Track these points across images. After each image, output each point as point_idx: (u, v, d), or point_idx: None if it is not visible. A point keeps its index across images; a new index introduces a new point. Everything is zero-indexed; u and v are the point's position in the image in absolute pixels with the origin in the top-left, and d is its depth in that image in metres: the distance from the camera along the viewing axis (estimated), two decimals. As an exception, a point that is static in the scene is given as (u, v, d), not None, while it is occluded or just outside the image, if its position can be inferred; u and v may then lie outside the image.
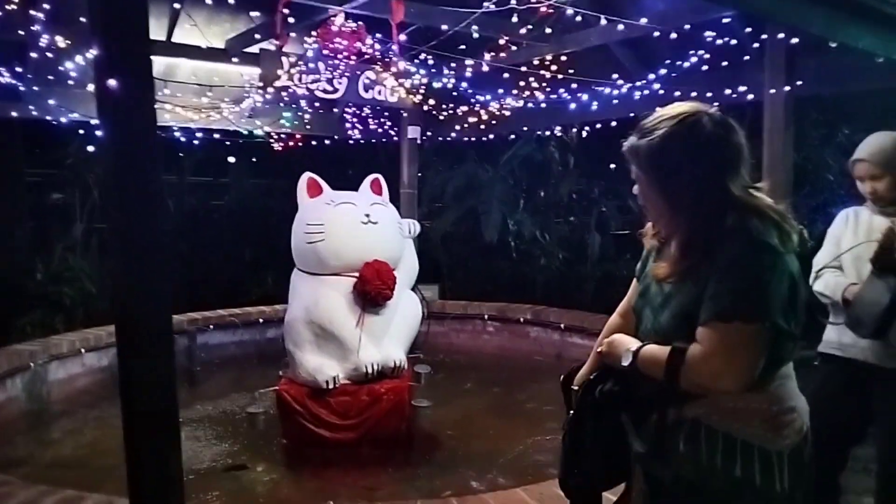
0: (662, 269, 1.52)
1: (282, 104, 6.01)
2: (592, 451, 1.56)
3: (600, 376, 1.57)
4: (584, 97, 5.21)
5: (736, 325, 1.32)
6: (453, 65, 5.16)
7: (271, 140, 6.63)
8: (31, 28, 4.28)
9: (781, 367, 1.45)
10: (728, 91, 4.62)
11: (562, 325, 6.17)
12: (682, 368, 1.37)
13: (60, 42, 4.31)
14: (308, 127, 6.50)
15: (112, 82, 1.49)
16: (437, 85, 5.35)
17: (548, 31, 4.42)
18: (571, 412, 1.59)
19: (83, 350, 5.31)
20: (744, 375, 1.35)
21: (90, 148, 6.74)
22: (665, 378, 1.39)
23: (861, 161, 2.49)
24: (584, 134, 7.36)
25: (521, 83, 5.38)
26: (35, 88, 4.95)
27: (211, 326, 6.29)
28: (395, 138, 7.13)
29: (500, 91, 5.55)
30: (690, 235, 1.46)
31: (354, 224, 4.04)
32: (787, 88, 3.94)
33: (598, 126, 6.74)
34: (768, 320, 1.33)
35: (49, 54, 4.58)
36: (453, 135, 6.83)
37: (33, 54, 4.64)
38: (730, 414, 1.41)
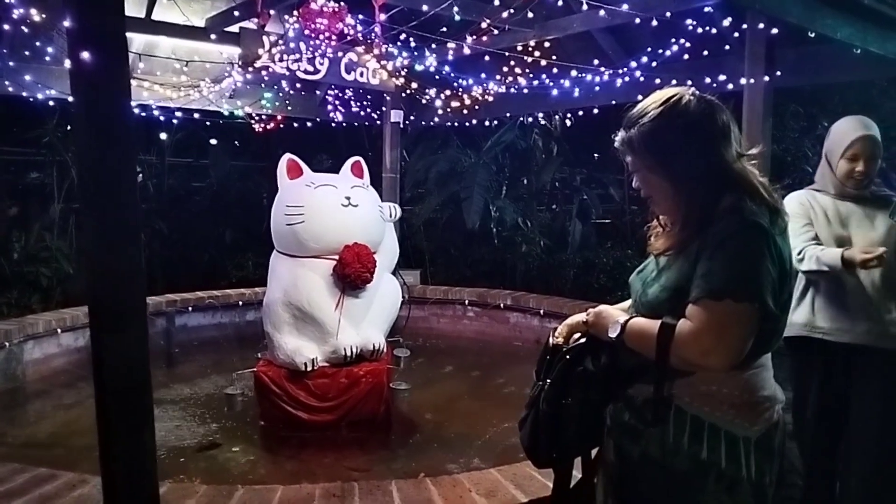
0: (661, 242, 1.55)
1: (263, 85, 5.95)
2: (576, 422, 1.57)
3: (586, 347, 1.58)
4: (567, 83, 5.22)
5: (727, 303, 1.34)
6: (434, 46, 5.14)
7: (252, 121, 6.58)
8: (5, 1, 4.19)
9: (760, 356, 1.46)
10: (708, 80, 4.65)
11: (541, 311, 6.21)
12: (672, 344, 1.38)
13: (36, 16, 4.22)
14: (289, 108, 6.46)
15: (85, 55, 1.48)
16: (419, 68, 5.33)
17: (529, 15, 4.41)
18: (549, 381, 1.59)
19: (59, 330, 5.27)
20: (733, 353, 1.36)
21: (68, 127, 6.65)
22: (655, 353, 1.40)
23: (867, 137, 2.38)
24: (568, 122, 7.38)
25: (504, 68, 5.38)
26: (11, 64, 4.86)
27: (190, 308, 6.27)
28: (378, 122, 7.10)
29: (483, 76, 5.54)
30: (690, 209, 1.47)
31: (334, 207, 4.04)
32: (767, 79, 3.97)
33: (581, 113, 6.77)
34: (758, 300, 1.34)
35: (25, 29, 4.49)
36: (436, 119, 6.80)
37: (6, 27, 4.54)
38: (701, 397, 1.43)
